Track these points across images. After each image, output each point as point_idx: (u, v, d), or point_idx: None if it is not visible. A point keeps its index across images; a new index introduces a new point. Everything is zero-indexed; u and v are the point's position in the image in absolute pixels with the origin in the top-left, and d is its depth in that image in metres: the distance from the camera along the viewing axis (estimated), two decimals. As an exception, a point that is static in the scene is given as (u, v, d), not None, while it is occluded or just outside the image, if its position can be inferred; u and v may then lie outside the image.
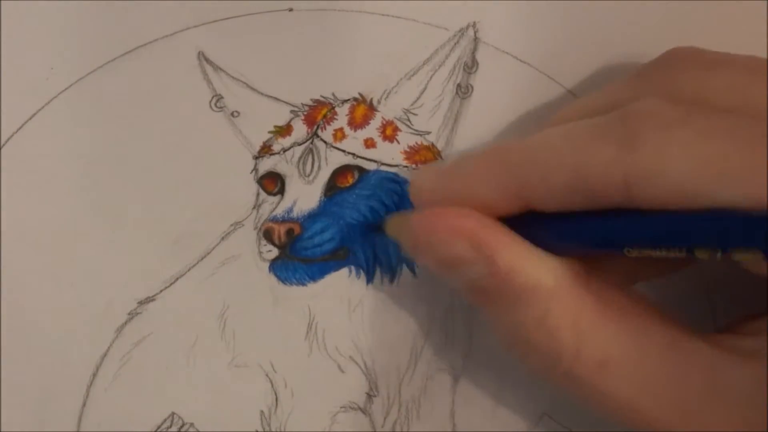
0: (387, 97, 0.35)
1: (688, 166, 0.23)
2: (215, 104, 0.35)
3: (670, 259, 0.25)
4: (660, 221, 0.24)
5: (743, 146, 0.23)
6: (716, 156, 0.23)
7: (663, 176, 0.23)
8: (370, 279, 0.34)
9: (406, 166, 0.34)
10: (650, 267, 0.29)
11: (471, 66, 0.35)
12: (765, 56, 0.34)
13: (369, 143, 0.34)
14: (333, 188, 0.34)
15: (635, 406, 0.25)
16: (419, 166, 0.34)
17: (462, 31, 0.35)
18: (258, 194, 0.34)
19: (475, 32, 0.35)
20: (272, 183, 0.34)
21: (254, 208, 0.34)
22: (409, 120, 0.35)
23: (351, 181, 0.34)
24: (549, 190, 0.25)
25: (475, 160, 0.28)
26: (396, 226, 0.31)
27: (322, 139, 0.34)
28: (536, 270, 0.26)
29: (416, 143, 0.34)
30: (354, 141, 0.34)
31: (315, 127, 0.34)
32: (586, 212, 0.26)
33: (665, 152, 0.23)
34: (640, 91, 0.27)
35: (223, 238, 0.34)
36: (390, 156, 0.34)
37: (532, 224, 0.27)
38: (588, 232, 0.26)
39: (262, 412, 0.33)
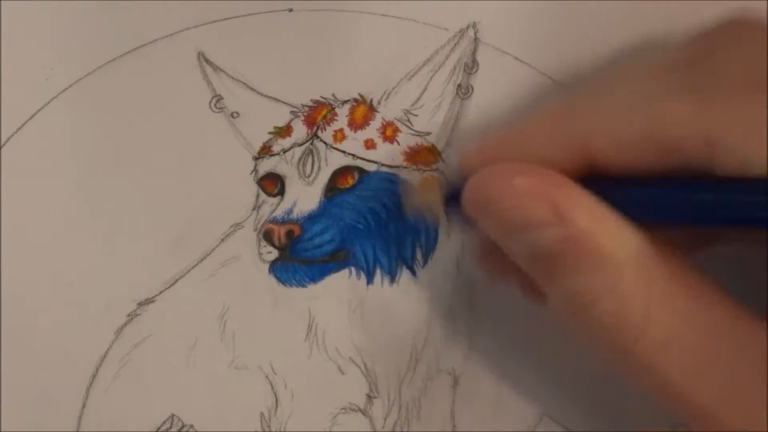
0: (387, 97, 0.35)
1: None
2: (215, 105, 0.35)
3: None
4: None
5: None
6: None
7: (748, 134, 0.22)
8: (370, 280, 0.34)
9: (407, 167, 0.34)
10: (706, 238, 0.29)
11: (471, 66, 0.35)
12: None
13: (369, 144, 0.34)
14: (333, 189, 0.34)
15: (690, 387, 0.24)
16: (420, 166, 0.34)
17: (462, 32, 0.35)
18: (258, 195, 0.34)
19: (475, 33, 0.35)
20: (272, 184, 0.34)
21: (254, 209, 0.34)
22: (409, 121, 0.35)
23: (351, 182, 0.34)
24: (619, 145, 0.25)
25: (536, 117, 0.27)
26: (426, 191, 0.30)
27: (322, 140, 0.34)
28: (613, 235, 0.25)
29: (416, 144, 0.34)
30: (354, 142, 0.34)
31: (315, 128, 0.34)
32: (663, 180, 0.25)
33: (755, 114, 0.23)
34: (712, 52, 0.26)
35: (223, 240, 0.34)
36: (390, 157, 0.34)
37: (598, 189, 0.25)
38: (669, 200, 0.25)
39: (262, 413, 0.33)
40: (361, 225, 0.33)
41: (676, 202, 0.25)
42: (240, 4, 0.35)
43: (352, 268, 0.34)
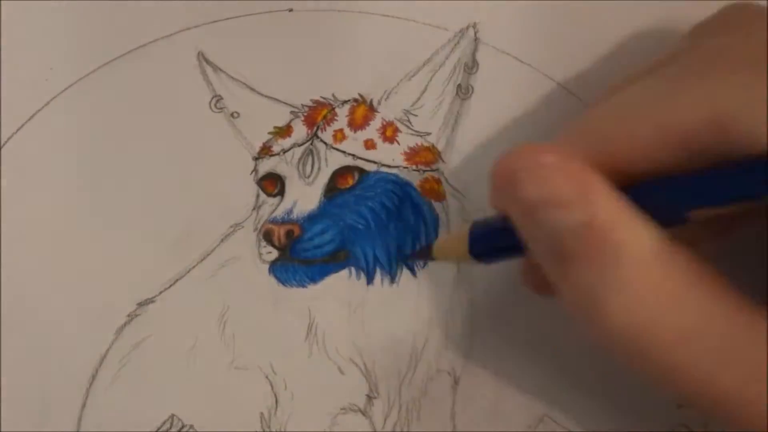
0: (387, 97, 0.35)
1: None
2: (215, 105, 0.35)
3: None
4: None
5: None
6: None
7: (754, 107, 0.22)
8: (370, 280, 0.34)
9: (407, 167, 0.34)
10: (713, 228, 0.29)
11: (471, 67, 0.35)
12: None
13: (369, 144, 0.34)
14: (333, 189, 0.34)
15: (706, 382, 0.24)
16: (420, 166, 0.34)
17: (462, 32, 0.35)
18: (258, 195, 0.34)
19: (475, 33, 0.35)
20: (272, 184, 0.34)
21: (254, 209, 0.34)
22: (409, 121, 0.35)
23: (351, 182, 0.34)
24: (635, 148, 0.25)
25: (558, 137, 0.26)
26: (444, 249, 0.31)
27: (322, 140, 0.34)
28: (633, 229, 0.25)
29: (416, 144, 0.34)
30: (354, 142, 0.34)
31: (315, 128, 0.34)
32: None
33: (755, 84, 0.23)
34: (712, 34, 0.26)
35: (222, 240, 0.34)
36: (390, 157, 0.34)
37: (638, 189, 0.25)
38: (683, 189, 0.25)
39: (262, 413, 0.33)
40: (361, 225, 0.33)
41: (690, 188, 0.25)
42: (240, 4, 0.35)
43: (352, 269, 0.34)
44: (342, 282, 0.33)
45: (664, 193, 0.26)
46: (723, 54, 0.24)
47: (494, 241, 0.29)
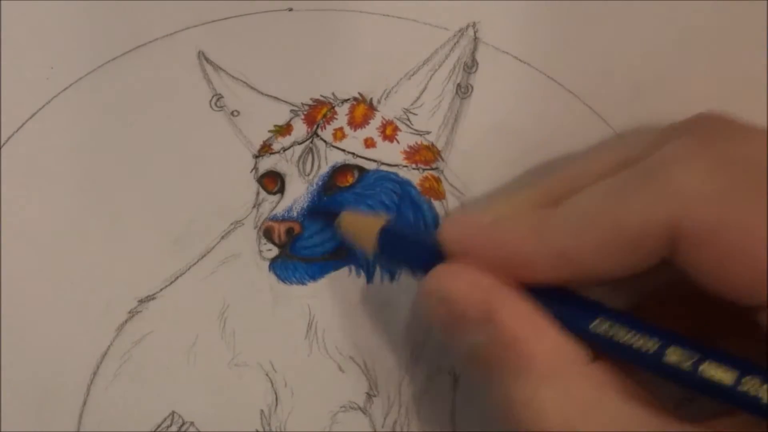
0: (387, 96, 0.35)
1: (729, 214, 0.23)
2: (215, 104, 0.35)
3: None
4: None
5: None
6: (756, 214, 0.23)
7: (704, 221, 0.23)
8: (370, 278, 0.34)
9: (406, 166, 0.34)
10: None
11: (471, 66, 0.35)
12: (765, 56, 0.34)
13: (369, 143, 0.34)
14: (333, 188, 0.34)
15: None
16: (419, 165, 0.34)
17: (462, 31, 0.35)
18: (258, 193, 0.34)
19: (474, 32, 0.35)
20: (272, 182, 0.34)
21: (254, 207, 0.34)
22: (409, 120, 0.35)
23: (351, 180, 0.34)
24: (588, 249, 0.25)
25: (515, 220, 0.27)
26: (353, 225, 0.31)
27: (322, 139, 0.34)
28: (539, 344, 0.25)
29: (416, 143, 0.34)
30: (354, 140, 0.34)
31: (315, 126, 0.34)
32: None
33: (708, 196, 0.23)
34: (673, 140, 0.27)
35: (223, 237, 0.34)
36: (390, 156, 0.34)
37: (561, 300, 0.26)
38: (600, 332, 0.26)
39: (262, 411, 0.33)
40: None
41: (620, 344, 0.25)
42: (240, 4, 0.35)
43: (352, 266, 0.34)
44: (342, 280, 0.34)
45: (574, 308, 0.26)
46: (681, 160, 0.24)
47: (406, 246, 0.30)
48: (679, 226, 0.23)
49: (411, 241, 0.30)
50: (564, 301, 0.26)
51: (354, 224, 0.32)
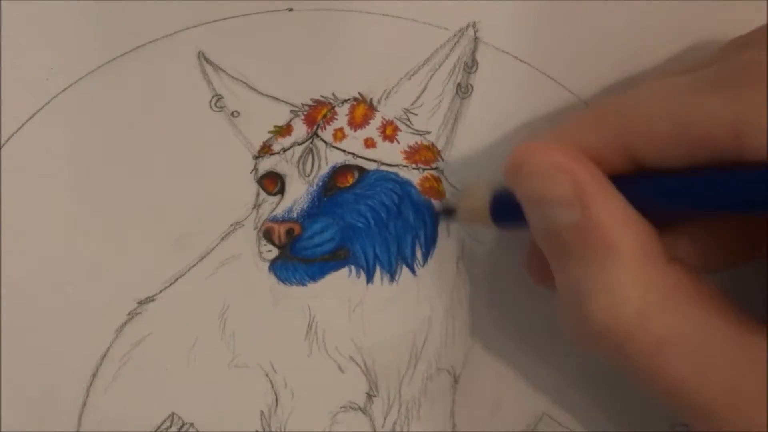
0: (387, 96, 0.35)
1: None
2: (215, 104, 0.35)
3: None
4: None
5: None
6: None
7: None
8: (370, 279, 0.34)
9: (406, 166, 0.34)
10: (720, 255, 0.29)
11: (471, 66, 0.35)
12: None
13: (369, 143, 0.34)
14: (333, 188, 0.34)
15: (687, 388, 0.25)
16: (420, 165, 0.34)
17: (462, 31, 0.35)
18: (258, 194, 0.34)
19: (475, 32, 0.35)
20: (272, 183, 0.34)
21: (254, 208, 0.34)
22: (409, 120, 0.35)
23: (351, 180, 0.34)
24: (653, 141, 0.25)
25: (578, 115, 0.28)
26: (471, 200, 0.32)
27: (322, 139, 0.34)
28: (624, 232, 0.26)
29: (416, 143, 0.34)
30: (354, 141, 0.34)
31: (315, 126, 0.34)
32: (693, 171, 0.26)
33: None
34: (740, 50, 0.27)
35: (223, 238, 0.34)
36: (390, 156, 0.34)
37: (639, 185, 0.26)
38: (691, 189, 0.26)
39: (262, 412, 0.33)
40: (360, 224, 0.33)
41: (700, 189, 0.26)
42: (240, 4, 0.35)
43: (352, 267, 0.34)
44: (342, 280, 0.34)
45: (666, 190, 0.26)
46: (750, 68, 0.24)
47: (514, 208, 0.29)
48: (746, 126, 0.24)
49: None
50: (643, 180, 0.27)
51: (468, 207, 0.32)
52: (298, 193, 0.34)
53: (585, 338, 0.27)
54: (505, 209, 0.30)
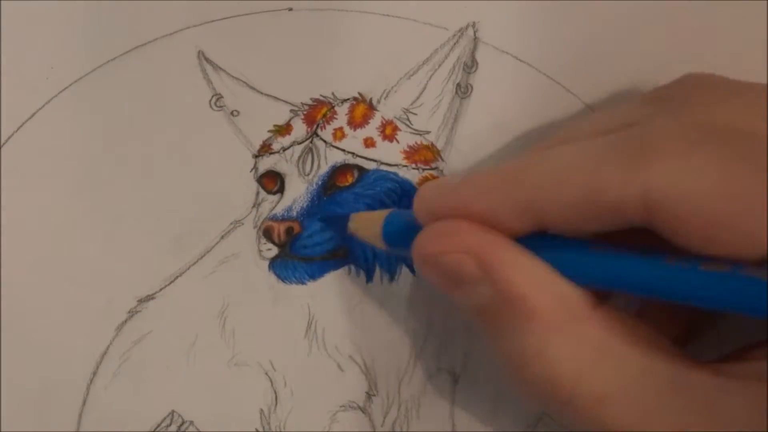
0: (387, 96, 0.35)
1: (707, 186, 0.23)
2: (215, 103, 0.35)
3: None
4: (682, 272, 0.24)
5: (758, 173, 0.23)
6: (736, 181, 0.23)
7: (682, 195, 0.23)
8: (369, 278, 0.34)
9: (406, 166, 0.34)
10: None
11: (470, 66, 0.35)
12: (765, 56, 0.34)
13: (369, 142, 0.34)
14: (332, 187, 0.34)
15: None
16: (419, 164, 0.34)
17: (462, 31, 0.35)
18: (258, 193, 0.34)
19: (474, 32, 0.35)
20: (272, 182, 0.34)
21: (254, 206, 0.34)
22: (408, 119, 0.35)
23: (351, 180, 0.34)
24: (561, 207, 0.25)
25: (486, 174, 0.27)
26: (361, 224, 0.31)
27: (321, 138, 0.34)
28: (539, 296, 0.25)
29: (416, 143, 0.34)
30: (354, 140, 0.34)
31: (315, 126, 0.34)
32: (601, 245, 0.25)
33: (685, 171, 0.23)
34: (654, 112, 0.27)
35: (222, 237, 0.34)
36: (390, 155, 0.34)
37: (547, 247, 0.26)
38: (598, 267, 0.26)
39: (261, 410, 0.33)
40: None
41: (615, 271, 0.25)
42: (240, 4, 0.35)
43: (352, 266, 0.34)
44: (341, 279, 0.34)
45: (563, 261, 0.26)
46: (660, 137, 0.24)
47: (407, 232, 0.29)
48: (655, 199, 0.23)
49: (411, 223, 0.29)
50: (552, 245, 0.26)
51: (361, 222, 0.32)
52: (297, 192, 0.34)
53: (531, 400, 0.28)
54: (396, 236, 0.30)
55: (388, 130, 0.34)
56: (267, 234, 0.33)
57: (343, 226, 0.32)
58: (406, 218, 0.30)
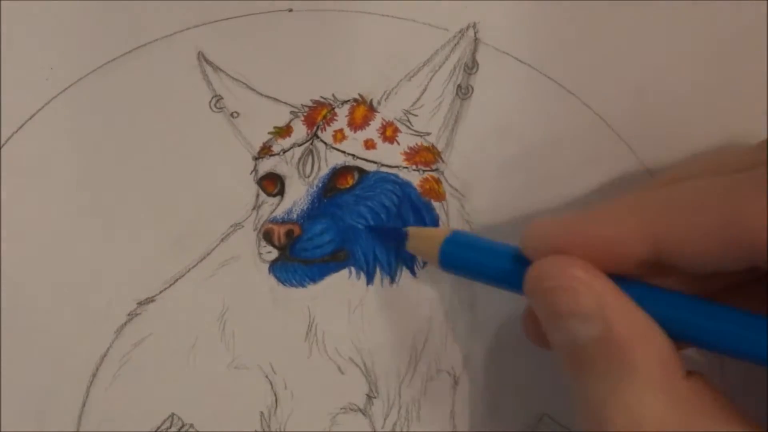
0: (387, 98, 0.35)
1: None
2: (215, 105, 0.35)
3: None
4: None
5: None
6: None
7: None
8: (370, 280, 0.34)
9: (406, 167, 0.34)
10: None
11: (471, 67, 0.35)
12: (765, 56, 0.34)
13: (369, 144, 0.34)
14: (333, 189, 0.34)
15: None
16: (420, 166, 0.34)
17: (462, 32, 0.35)
18: (258, 195, 0.34)
19: (475, 33, 0.35)
20: (272, 184, 0.34)
21: (254, 209, 0.34)
22: (409, 121, 0.35)
23: (351, 182, 0.34)
24: (689, 238, 0.25)
25: (610, 205, 0.27)
26: (419, 242, 0.31)
27: (322, 140, 0.34)
28: (643, 349, 0.25)
29: (416, 144, 0.34)
30: (354, 142, 0.34)
31: (315, 128, 0.34)
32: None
33: None
34: None
35: (222, 239, 0.34)
36: (390, 157, 0.34)
37: (656, 301, 0.26)
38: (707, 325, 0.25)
39: (261, 413, 0.33)
40: (360, 225, 0.33)
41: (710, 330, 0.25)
42: (240, 4, 0.35)
43: (352, 268, 0.34)
44: (342, 282, 0.33)
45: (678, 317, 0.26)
46: None
47: (469, 259, 0.29)
48: None
49: (480, 249, 0.29)
50: (653, 294, 0.26)
51: (420, 240, 0.31)
52: (297, 194, 0.34)
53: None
54: (454, 262, 0.30)
55: (389, 132, 0.34)
56: (267, 237, 0.33)
57: (395, 237, 0.33)
58: (474, 241, 0.30)
